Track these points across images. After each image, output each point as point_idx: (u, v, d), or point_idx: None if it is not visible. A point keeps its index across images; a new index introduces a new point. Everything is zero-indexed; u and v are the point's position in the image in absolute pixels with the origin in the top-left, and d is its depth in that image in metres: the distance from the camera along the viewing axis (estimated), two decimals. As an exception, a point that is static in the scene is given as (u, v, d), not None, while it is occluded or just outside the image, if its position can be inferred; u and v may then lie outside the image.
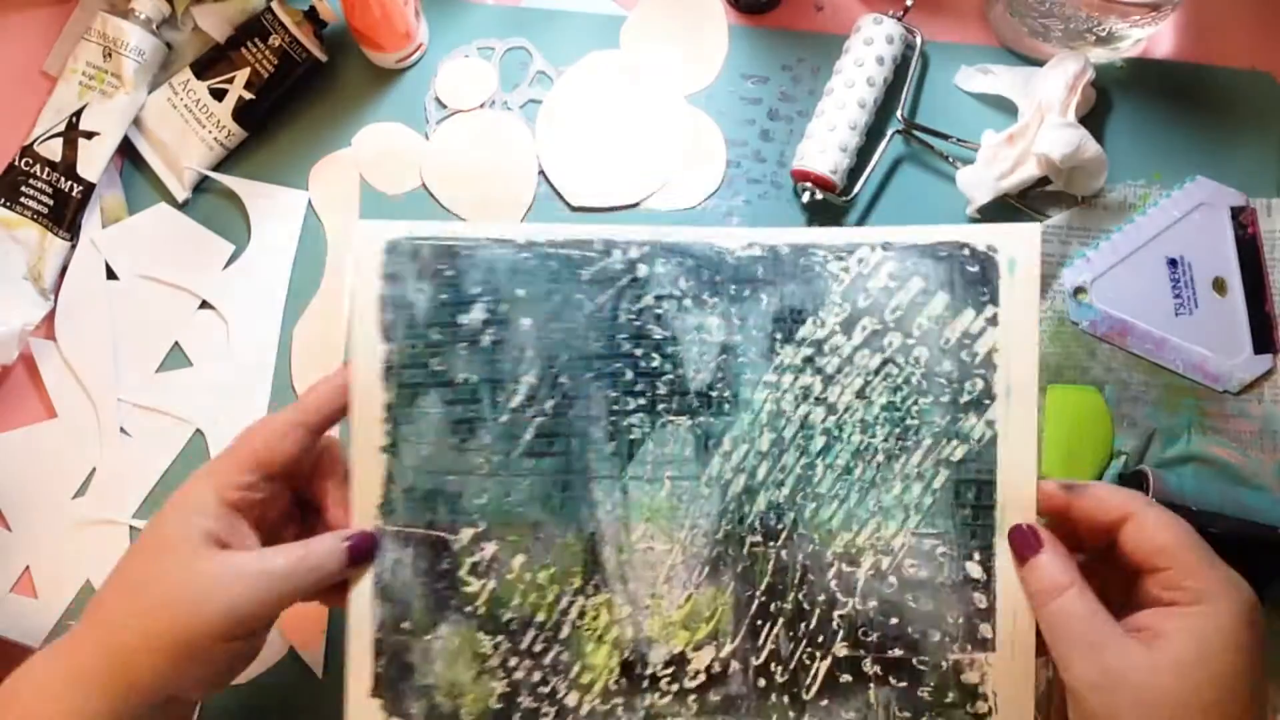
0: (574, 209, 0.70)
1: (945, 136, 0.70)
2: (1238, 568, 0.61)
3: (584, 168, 0.70)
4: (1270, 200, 0.70)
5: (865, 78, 0.68)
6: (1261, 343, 0.68)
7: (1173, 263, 0.69)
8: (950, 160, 0.70)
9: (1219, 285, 0.69)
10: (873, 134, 0.69)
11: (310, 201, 0.69)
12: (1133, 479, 0.63)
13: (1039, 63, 0.73)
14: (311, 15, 0.68)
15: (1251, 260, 0.69)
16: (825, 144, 0.67)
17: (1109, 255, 0.69)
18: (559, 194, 0.70)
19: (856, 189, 0.68)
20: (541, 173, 0.70)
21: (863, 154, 0.69)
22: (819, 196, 0.68)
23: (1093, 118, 0.72)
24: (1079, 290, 0.69)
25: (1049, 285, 0.69)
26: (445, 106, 0.71)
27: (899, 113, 0.70)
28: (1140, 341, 0.68)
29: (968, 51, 0.73)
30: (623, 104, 0.71)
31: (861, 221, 0.70)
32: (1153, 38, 0.73)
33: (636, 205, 0.70)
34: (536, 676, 0.49)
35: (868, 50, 0.68)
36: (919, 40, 0.71)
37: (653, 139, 0.71)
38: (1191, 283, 0.69)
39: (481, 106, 0.71)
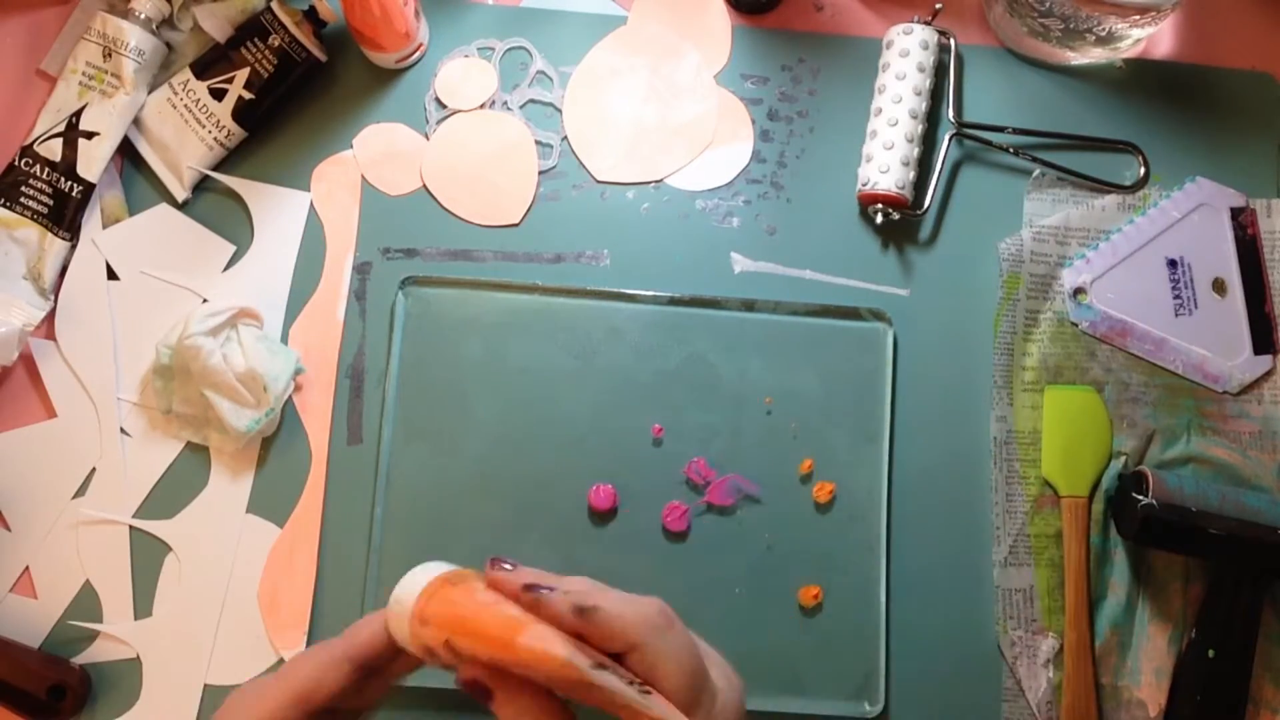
0: (599, 182, 0.70)
1: (1000, 129, 0.70)
2: (1237, 568, 0.62)
3: (610, 143, 0.70)
4: (1270, 201, 0.70)
5: (911, 88, 0.68)
6: (1261, 343, 0.68)
7: (1172, 263, 0.69)
8: (1011, 150, 0.70)
9: (1219, 286, 0.69)
10: (924, 142, 0.70)
11: (311, 202, 0.69)
12: (1132, 479, 0.63)
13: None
14: (311, 15, 0.68)
15: (1251, 261, 0.69)
16: (886, 162, 0.67)
17: (1109, 256, 0.69)
18: (585, 168, 0.70)
19: (927, 200, 0.69)
20: (565, 139, 0.71)
21: (920, 165, 0.69)
22: (894, 216, 0.68)
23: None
24: (1079, 291, 0.69)
25: (1049, 286, 0.69)
26: (445, 106, 0.71)
27: (949, 115, 0.70)
28: (1140, 342, 0.68)
29: (969, 52, 0.73)
30: (651, 80, 0.72)
31: (936, 233, 0.70)
32: (1153, 38, 0.73)
33: (661, 181, 0.70)
34: None
35: (905, 61, 0.68)
36: (953, 42, 0.72)
37: (681, 116, 0.71)
38: (1191, 283, 0.69)
39: (481, 106, 0.71)
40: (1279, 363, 0.68)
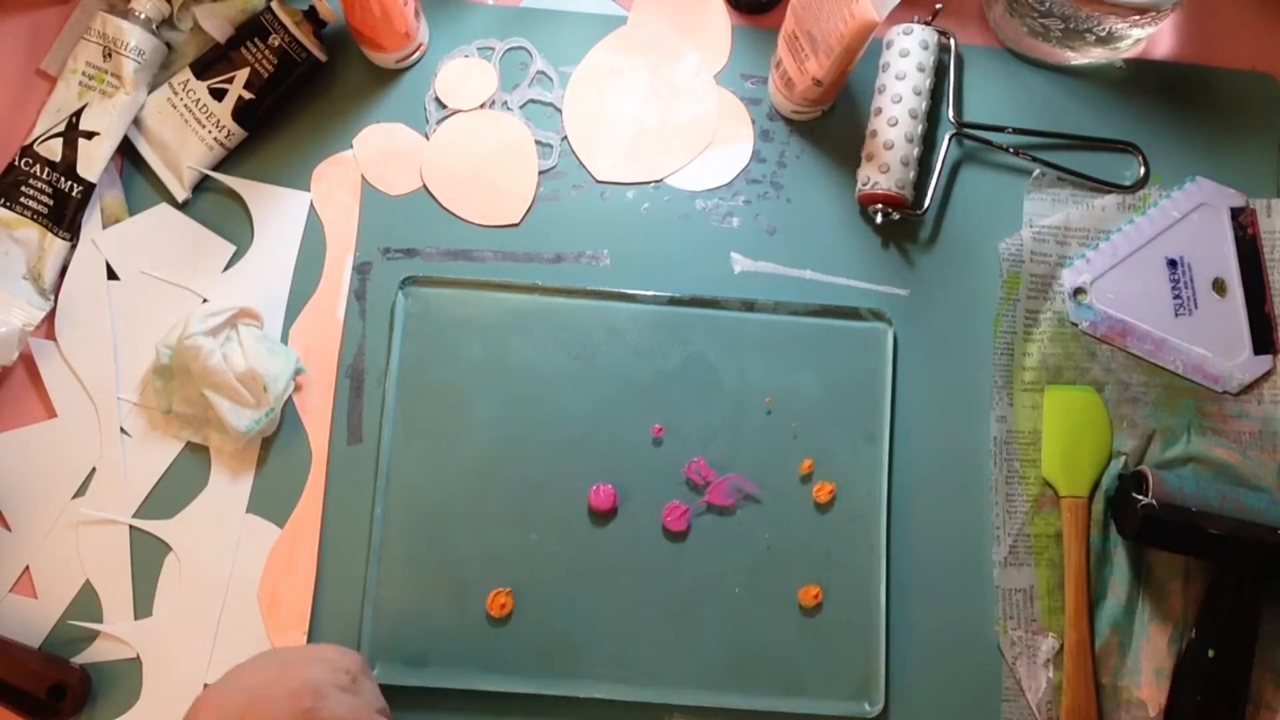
0: (599, 182, 0.70)
1: (1000, 129, 0.70)
2: (1237, 568, 0.62)
3: (610, 143, 0.70)
4: (1270, 200, 0.70)
5: (911, 88, 0.68)
6: (1261, 343, 0.68)
7: (1172, 263, 0.69)
8: (1011, 150, 0.70)
9: (1219, 286, 0.69)
10: (924, 142, 0.70)
11: (311, 202, 0.69)
12: (1132, 479, 0.63)
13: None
14: (311, 15, 0.68)
15: (1251, 261, 0.69)
16: (886, 162, 0.67)
17: (1109, 256, 0.69)
18: (585, 168, 0.70)
19: (927, 200, 0.69)
20: (565, 139, 0.71)
21: (920, 165, 0.69)
22: (894, 216, 0.68)
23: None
24: (1079, 291, 0.69)
25: (1049, 286, 0.69)
26: (445, 106, 0.71)
27: (949, 115, 0.70)
28: (1140, 342, 0.68)
29: (969, 52, 0.73)
30: (651, 80, 0.72)
31: (936, 233, 0.70)
32: (1153, 38, 0.73)
33: (661, 181, 0.70)
34: None
35: (905, 61, 0.68)
36: (953, 42, 0.72)
37: (681, 116, 0.71)
38: (1191, 283, 0.69)
39: (481, 106, 0.71)
40: (1279, 363, 0.68)
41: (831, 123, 0.72)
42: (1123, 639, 0.64)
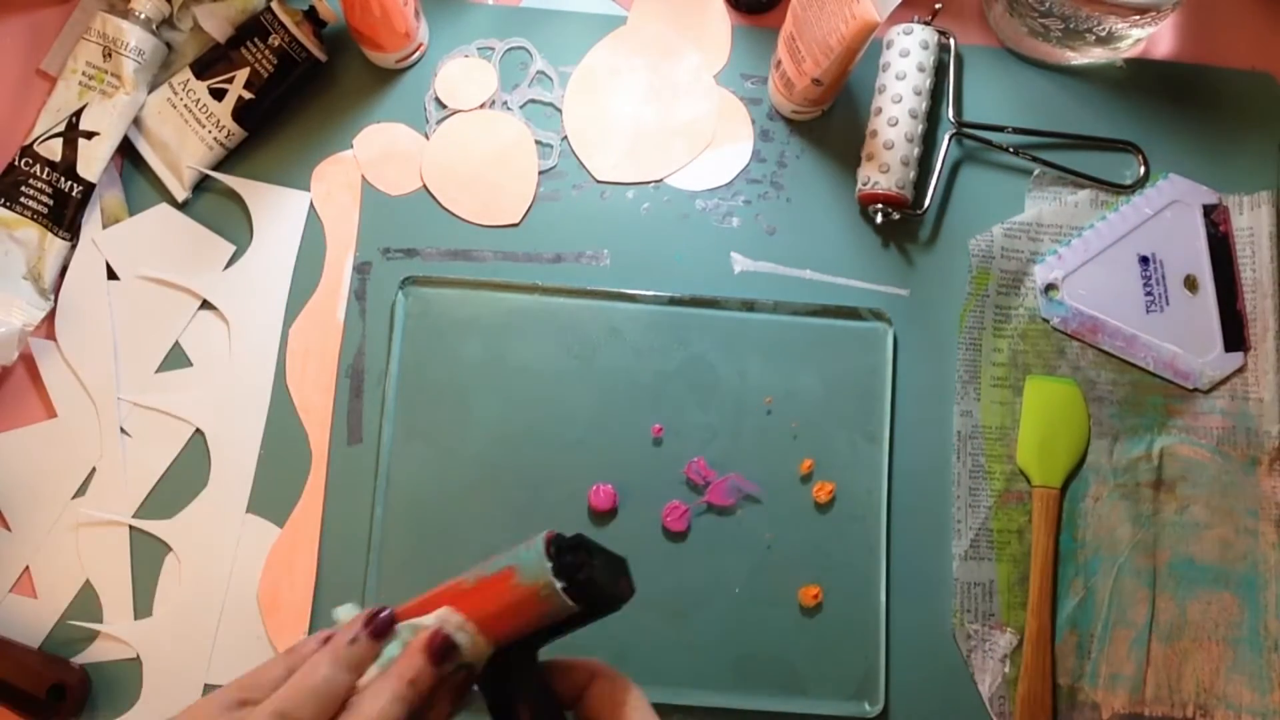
0: (599, 182, 0.70)
1: (1000, 129, 0.70)
2: None
3: (610, 143, 0.70)
4: (1242, 198, 0.70)
5: (911, 88, 0.68)
6: (1232, 340, 0.68)
7: (1144, 260, 0.69)
8: (1011, 150, 0.70)
9: (1190, 283, 0.69)
10: (924, 142, 0.69)
11: (311, 201, 0.69)
12: None
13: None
14: (311, 15, 0.68)
15: (1223, 258, 0.69)
16: (886, 162, 0.67)
17: (1081, 252, 0.69)
18: (585, 168, 0.70)
19: (927, 200, 0.69)
20: (565, 139, 0.71)
21: (920, 164, 0.69)
22: (894, 216, 0.68)
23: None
24: (1050, 287, 0.69)
25: (1020, 282, 0.69)
26: (445, 106, 0.71)
27: (949, 115, 0.70)
28: (1111, 338, 0.68)
29: (969, 52, 0.73)
30: (651, 80, 0.72)
31: (936, 233, 0.70)
32: (1153, 38, 0.73)
33: (661, 181, 0.70)
34: None
35: (905, 61, 0.68)
36: (953, 42, 0.72)
37: (681, 116, 0.71)
38: (1163, 280, 0.69)
39: (481, 106, 0.71)
40: (1249, 360, 0.68)
41: (831, 123, 0.72)
42: (1081, 640, 0.64)
